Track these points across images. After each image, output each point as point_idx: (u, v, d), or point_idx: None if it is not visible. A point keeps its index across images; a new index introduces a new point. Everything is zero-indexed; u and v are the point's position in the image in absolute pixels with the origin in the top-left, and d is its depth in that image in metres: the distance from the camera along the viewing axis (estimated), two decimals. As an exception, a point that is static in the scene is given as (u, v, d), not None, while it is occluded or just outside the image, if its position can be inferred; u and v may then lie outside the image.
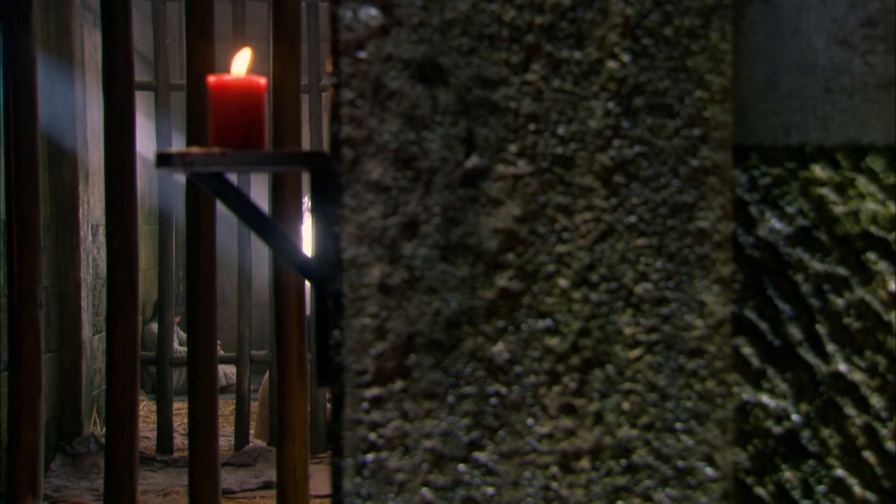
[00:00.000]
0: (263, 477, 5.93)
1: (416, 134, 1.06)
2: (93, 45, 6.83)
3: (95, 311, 6.75)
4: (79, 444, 5.94)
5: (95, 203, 6.82)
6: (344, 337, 1.06)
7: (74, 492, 5.58)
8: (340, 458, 1.06)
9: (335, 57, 1.07)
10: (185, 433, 7.01)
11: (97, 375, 6.80)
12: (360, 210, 1.06)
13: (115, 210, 3.18)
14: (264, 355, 6.57)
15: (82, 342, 6.14)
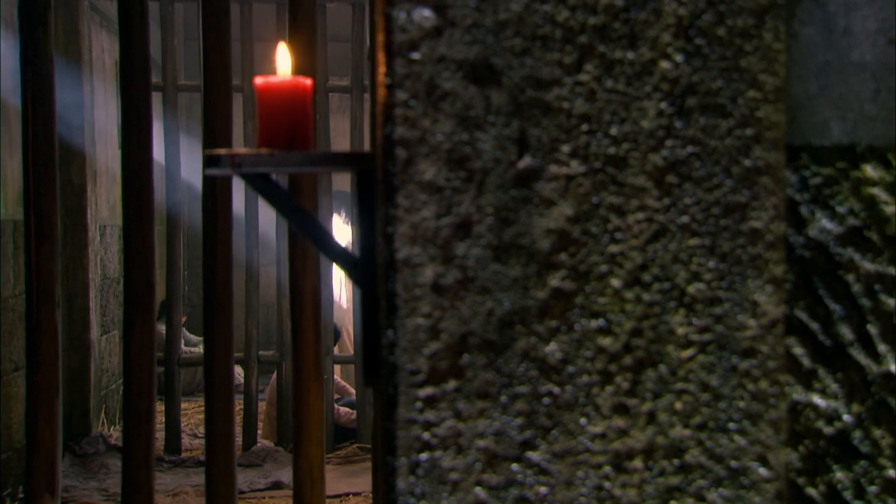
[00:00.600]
0: (272, 477, 5.93)
1: (470, 134, 1.07)
2: (100, 46, 6.84)
3: (103, 311, 6.75)
4: (87, 445, 5.94)
5: (102, 203, 6.83)
6: (397, 337, 1.07)
7: (84, 492, 5.58)
8: (394, 458, 1.06)
9: (388, 58, 1.07)
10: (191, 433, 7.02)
11: (105, 376, 6.80)
12: (414, 210, 1.07)
13: (132, 210, 3.18)
14: (272, 355, 6.57)
15: (91, 343, 6.14)
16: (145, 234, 3.19)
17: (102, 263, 6.74)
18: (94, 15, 6.60)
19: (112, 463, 6.07)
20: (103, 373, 6.76)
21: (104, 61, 6.96)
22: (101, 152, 6.82)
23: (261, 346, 6.59)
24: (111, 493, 5.69)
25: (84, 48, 6.04)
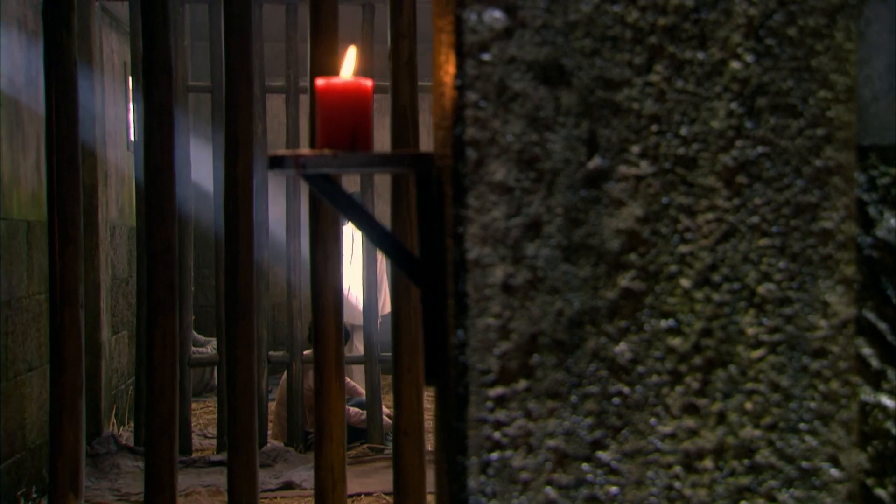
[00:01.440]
0: (283, 477, 5.93)
1: (539, 135, 1.07)
2: (110, 47, 6.84)
3: (112, 312, 6.75)
4: (99, 445, 5.94)
5: (112, 204, 6.83)
6: (468, 337, 1.07)
7: (96, 492, 5.58)
8: (465, 457, 1.06)
9: (459, 59, 1.07)
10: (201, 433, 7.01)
11: (115, 376, 6.80)
12: (484, 211, 1.07)
13: (154, 211, 3.18)
14: (282, 356, 6.57)
15: (101, 343, 6.14)
16: (167, 235, 3.19)
17: (112, 264, 6.74)
18: (104, 16, 6.60)
19: (123, 463, 6.07)
20: (113, 373, 6.76)
21: (114, 62, 6.96)
22: (111, 153, 6.82)
23: (270, 347, 6.59)
24: (123, 493, 5.69)
25: (95, 49, 6.04)
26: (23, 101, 5.16)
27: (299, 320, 6.63)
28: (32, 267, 5.22)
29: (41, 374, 5.37)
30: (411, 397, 3.40)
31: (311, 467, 6.00)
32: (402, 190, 3.37)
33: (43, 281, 5.40)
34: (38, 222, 5.36)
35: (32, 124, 5.33)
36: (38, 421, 5.30)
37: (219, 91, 6.44)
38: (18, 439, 4.96)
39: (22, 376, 5.04)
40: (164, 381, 3.19)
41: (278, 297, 8.18)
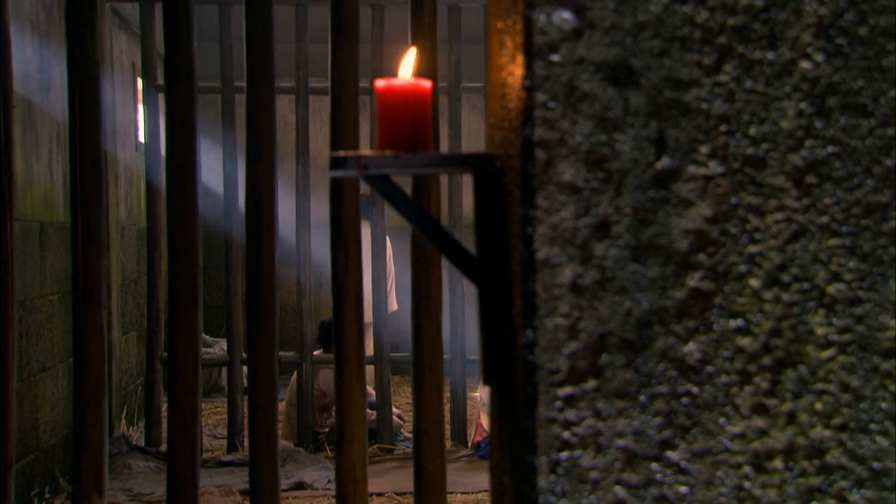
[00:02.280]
0: (294, 478, 5.93)
1: (608, 135, 1.07)
2: (119, 47, 6.84)
3: (122, 312, 6.75)
4: (110, 445, 5.94)
5: (121, 204, 6.83)
6: (537, 336, 1.07)
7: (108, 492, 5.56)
8: (535, 456, 1.07)
9: (528, 60, 1.07)
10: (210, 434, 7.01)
11: (124, 377, 6.80)
12: (553, 211, 1.07)
13: (176, 210, 3.19)
14: (291, 356, 6.57)
15: (112, 344, 6.14)
16: (190, 234, 3.19)
17: (122, 264, 6.74)
18: (113, 17, 6.60)
19: (134, 463, 6.07)
20: (123, 374, 6.76)
21: (123, 63, 6.97)
22: (121, 153, 6.82)
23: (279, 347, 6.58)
24: (135, 493, 5.69)
25: (106, 49, 6.04)
26: (36, 103, 5.16)
27: (309, 321, 6.64)
28: (45, 268, 5.22)
29: (53, 374, 5.37)
30: (432, 397, 3.40)
31: (321, 468, 6.02)
32: (420, 190, 3.37)
33: (56, 282, 5.41)
34: (51, 223, 5.36)
35: (45, 125, 5.34)
36: (51, 421, 5.30)
37: (229, 91, 6.44)
38: (32, 439, 4.96)
39: (35, 377, 5.04)
40: (187, 380, 3.19)
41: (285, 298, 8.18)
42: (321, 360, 6.61)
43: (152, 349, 6.34)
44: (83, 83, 3.07)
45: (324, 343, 6.77)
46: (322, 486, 5.83)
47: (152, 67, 6.37)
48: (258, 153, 3.26)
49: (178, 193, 3.17)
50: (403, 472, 6.07)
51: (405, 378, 8.68)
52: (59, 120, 5.55)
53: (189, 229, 3.17)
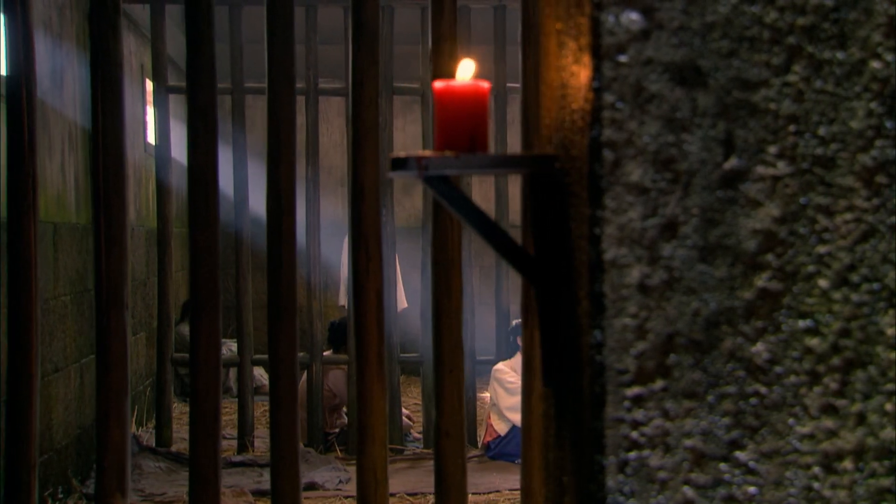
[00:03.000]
0: (306, 478, 5.93)
1: (676, 136, 1.07)
2: (128, 48, 6.83)
3: (132, 313, 6.75)
4: (121, 447, 5.93)
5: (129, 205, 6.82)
6: (605, 337, 1.07)
7: (120, 494, 5.57)
8: (603, 456, 1.07)
9: (596, 61, 1.07)
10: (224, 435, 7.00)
11: (134, 377, 6.80)
12: (621, 212, 1.07)
13: (198, 211, 3.18)
14: (301, 357, 6.56)
15: (123, 344, 6.13)
16: (212, 234, 3.19)
17: (131, 265, 6.74)
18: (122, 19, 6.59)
19: (145, 463, 6.07)
20: (132, 374, 6.76)
21: (131, 63, 6.96)
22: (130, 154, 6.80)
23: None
24: (147, 494, 5.68)
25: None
26: (48, 103, 5.16)
27: (319, 321, 6.63)
28: (58, 269, 5.22)
29: (66, 375, 5.37)
30: (453, 398, 3.40)
31: (332, 468, 6.02)
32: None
33: (68, 283, 5.40)
34: (64, 224, 5.36)
35: (58, 126, 5.33)
36: (64, 422, 5.30)
37: (239, 93, 6.45)
38: (46, 440, 4.96)
39: (48, 377, 5.04)
40: (209, 381, 3.19)
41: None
42: (331, 361, 6.61)
43: (163, 350, 6.34)
44: (106, 84, 3.07)
45: (333, 343, 6.77)
46: (333, 486, 5.83)
47: (163, 69, 6.38)
48: (279, 153, 3.26)
49: (200, 195, 3.17)
50: (414, 473, 6.07)
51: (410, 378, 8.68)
52: (72, 120, 5.55)
53: (210, 231, 3.17)
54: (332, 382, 6.64)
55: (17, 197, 2.99)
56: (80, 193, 5.70)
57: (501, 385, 6.28)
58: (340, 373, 6.62)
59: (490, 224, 1.26)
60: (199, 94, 3.17)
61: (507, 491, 5.79)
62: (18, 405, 2.97)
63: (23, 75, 3.02)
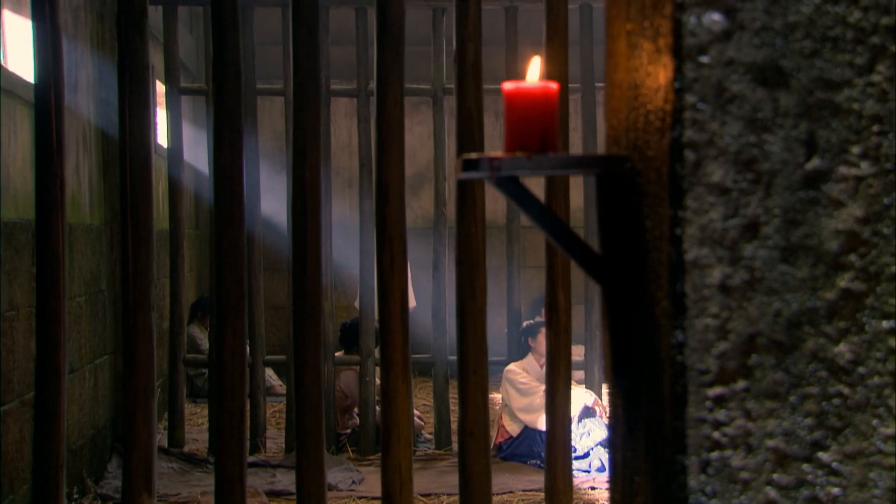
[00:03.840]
0: (319, 479, 5.92)
1: (757, 136, 1.07)
2: (140, 47, 6.83)
3: (144, 314, 6.74)
4: (134, 448, 5.93)
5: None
6: (687, 337, 1.07)
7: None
8: (685, 456, 1.07)
9: (677, 62, 1.07)
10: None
11: (145, 378, 6.79)
12: (702, 212, 1.07)
13: (223, 213, 3.19)
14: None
15: (136, 345, 6.13)
16: (237, 236, 3.19)
17: (144, 266, 6.73)
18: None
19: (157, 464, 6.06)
20: (144, 375, 6.75)
21: (143, 64, 6.95)
22: (142, 155, 6.81)
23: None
24: (161, 494, 5.67)
25: (130, 51, 6.03)
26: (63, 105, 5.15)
27: (330, 322, 6.63)
28: (73, 270, 5.22)
29: (81, 375, 5.37)
30: (477, 399, 3.40)
31: (344, 469, 6.02)
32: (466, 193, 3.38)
33: (83, 283, 5.40)
34: (79, 225, 5.36)
35: (72, 127, 5.33)
36: (79, 422, 5.30)
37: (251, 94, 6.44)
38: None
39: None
40: (234, 382, 3.19)
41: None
42: (342, 362, 6.61)
43: (175, 351, 6.34)
44: (133, 85, 3.07)
45: (345, 344, 6.76)
46: (347, 486, 5.83)
47: (175, 71, 6.37)
48: (304, 155, 3.27)
49: (226, 197, 3.17)
50: (427, 474, 6.06)
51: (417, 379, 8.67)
52: (85, 121, 5.55)
53: (236, 232, 3.17)
54: (343, 383, 6.64)
55: (46, 197, 3.00)
56: (93, 195, 5.70)
57: (513, 386, 6.27)
58: (352, 374, 6.61)
59: (560, 224, 1.26)
60: (225, 97, 3.18)
61: (520, 491, 5.78)
62: (47, 404, 2.97)
63: (51, 80, 3.03)
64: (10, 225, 4.15)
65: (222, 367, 3.18)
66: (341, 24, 7.30)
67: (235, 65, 3.19)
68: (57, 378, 2.99)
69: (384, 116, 3.33)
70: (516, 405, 6.22)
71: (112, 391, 5.92)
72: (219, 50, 3.17)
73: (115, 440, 5.91)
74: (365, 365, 6.32)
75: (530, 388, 6.19)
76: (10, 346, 4.11)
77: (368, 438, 6.29)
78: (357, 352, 6.50)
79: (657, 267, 1.13)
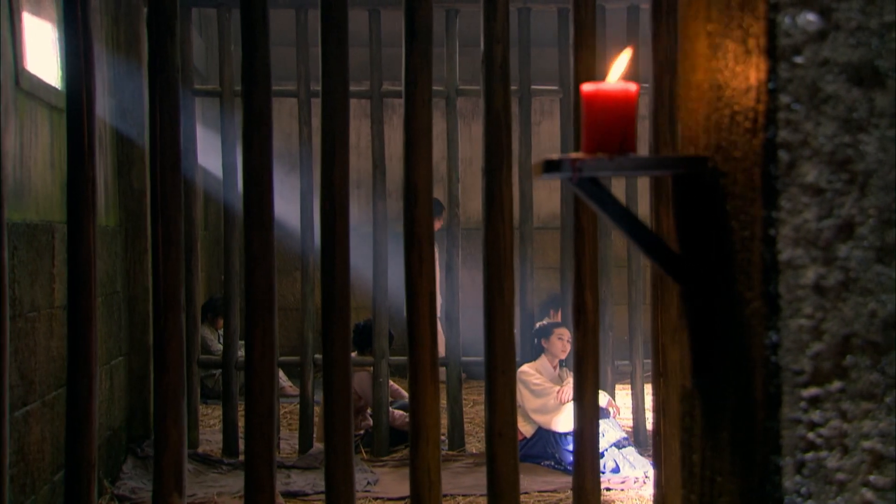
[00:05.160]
0: (334, 480, 5.92)
1: (852, 137, 1.08)
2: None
3: (157, 315, 6.74)
4: (148, 447, 5.93)
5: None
6: (781, 338, 1.07)
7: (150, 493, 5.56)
8: (779, 457, 1.07)
9: (771, 62, 1.08)
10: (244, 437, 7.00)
11: (158, 380, 6.79)
12: (796, 213, 1.07)
13: (253, 215, 3.19)
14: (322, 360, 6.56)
15: (150, 346, 6.12)
16: (267, 238, 3.19)
17: (156, 267, 6.73)
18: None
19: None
20: (157, 377, 6.75)
21: (155, 65, 6.95)
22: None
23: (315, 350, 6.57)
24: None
25: (144, 53, 6.03)
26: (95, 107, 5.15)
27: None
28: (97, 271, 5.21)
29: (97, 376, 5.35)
30: (506, 399, 3.41)
31: (358, 469, 6.02)
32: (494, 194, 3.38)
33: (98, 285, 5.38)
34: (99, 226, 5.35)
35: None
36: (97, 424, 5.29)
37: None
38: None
39: (82, 380, 5.02)
40: (264, 383, 3.19)
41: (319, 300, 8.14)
42: (356, 363, 6.60)
43: (189, 352, 6.34)
44: (164, 88, 3.07)
45: (358, 345, 6.76)
46: (362, 487, 5.83)
47: (189, 72, 6.37)
48: (333, 157, 3.27)
49: (255, 199, 3.17)
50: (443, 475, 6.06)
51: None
52: (101, 121, 5.54)
53: (266, 234, 3.17)
54: (357, 384, 6.63)
55: (78, 199, 3.00)
56: (108, 196, 5.69)
57: (527, 387, 6.27)
58: (366, 374, 6.61)
59: (640, 225, 1.26)
60: (254, 96, 3.18)
61: (535, 493, 5.78)
62: (79, 405, 2.97)
63: (83, 85, 3.03)
64: (32, 226, 4.15)
65: (252, 369, 3.18)
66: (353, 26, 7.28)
67: (264, 66, 3.19)
68: (88, 378, 2.99)
69: (413, 119, 3.33)
70: (530, 406, 6.22)
71: (127, 392, 5.92)
72: (248, 53, 3.17)
73: (131, 441, 5.91)
74: (378, 366, 6.32)
75: (544, 389, 6.20)
76: (32, 347, 4.10)
77: (382, 439, 6.30)
78: (370, 353, 6.50)
79: (747, 268, 1.13)
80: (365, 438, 6.53)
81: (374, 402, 6.35)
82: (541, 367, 6.32)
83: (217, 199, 7.70)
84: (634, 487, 5.55)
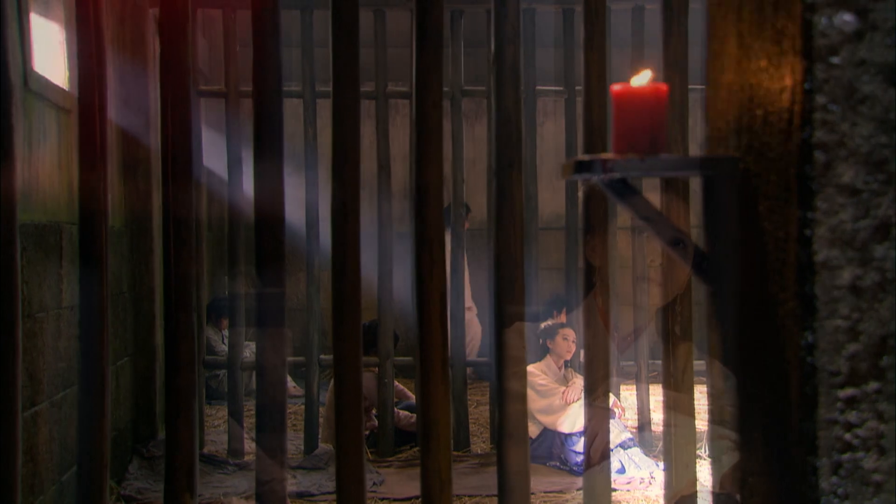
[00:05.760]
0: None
1: (889, 137, 1.08)
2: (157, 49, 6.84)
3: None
4: (154, 448, 5.93)
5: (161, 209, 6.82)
6: (817, 338, 1.07)
7: (156, 494, 5.56)
8: (816, 458, 1.07)
9: (807, 63, 1.07)
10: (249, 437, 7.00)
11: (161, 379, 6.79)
12: (832, 213, 1.07)
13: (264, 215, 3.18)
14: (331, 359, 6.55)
15: (156, 347, 6.12)
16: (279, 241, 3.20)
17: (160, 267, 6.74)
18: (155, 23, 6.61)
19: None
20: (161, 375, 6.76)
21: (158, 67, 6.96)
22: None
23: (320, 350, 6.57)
24: (182, 497, 5.67)
25: (150, 54, 6.04)
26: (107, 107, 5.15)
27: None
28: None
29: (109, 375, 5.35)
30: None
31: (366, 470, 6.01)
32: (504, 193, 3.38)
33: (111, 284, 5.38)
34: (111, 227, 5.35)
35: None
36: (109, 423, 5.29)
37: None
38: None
39: (89, 380, 5.02)
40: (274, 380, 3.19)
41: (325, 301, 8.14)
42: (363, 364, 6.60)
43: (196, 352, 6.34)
44: (176, 88, 3.07)
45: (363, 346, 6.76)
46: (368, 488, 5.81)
47: (195, 73, 6.38)
48: (344, 157, 3.26)
49: (266, 201, 3.17)
50: (448, 475, 6.06)
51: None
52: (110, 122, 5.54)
53: (278, 235, 3.17)
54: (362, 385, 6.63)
55: (90, 200, 3.00)
56: (114, 196, 5.69)
57: (532, 387, 6.27)
58: (370, 375, 6.61)
59: (669, 225, 1.26)
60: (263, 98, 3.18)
61: (541, 493, 5.78)
62: (91, 403, 2.97)
63: (95, 84, 3.03)
64: (41, 227, 4.14)
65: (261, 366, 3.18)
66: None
67: (277, 70, 3.18)
68: (101, 378, 2.99)
69: (423, 120, 3.32)
70: (535, 407, 6.22)
71: (132, 393, 5.92)
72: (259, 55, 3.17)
73: (136, 442, 5.90)
74: (383, 367, 6.32)
75: (549, 389, 6.20)
76: (40, 348, 4.10)
77: (387, 440, 6.29)
78: (375, 353, 6.50)
79: (781, 268, 1.13)
80: (370, 439, 6.53)
81: (380, 403, 6.35)
82: (546, 368, 6.33)
83: (218, 199, 7.70)
84: (640, 488, 5.54)
